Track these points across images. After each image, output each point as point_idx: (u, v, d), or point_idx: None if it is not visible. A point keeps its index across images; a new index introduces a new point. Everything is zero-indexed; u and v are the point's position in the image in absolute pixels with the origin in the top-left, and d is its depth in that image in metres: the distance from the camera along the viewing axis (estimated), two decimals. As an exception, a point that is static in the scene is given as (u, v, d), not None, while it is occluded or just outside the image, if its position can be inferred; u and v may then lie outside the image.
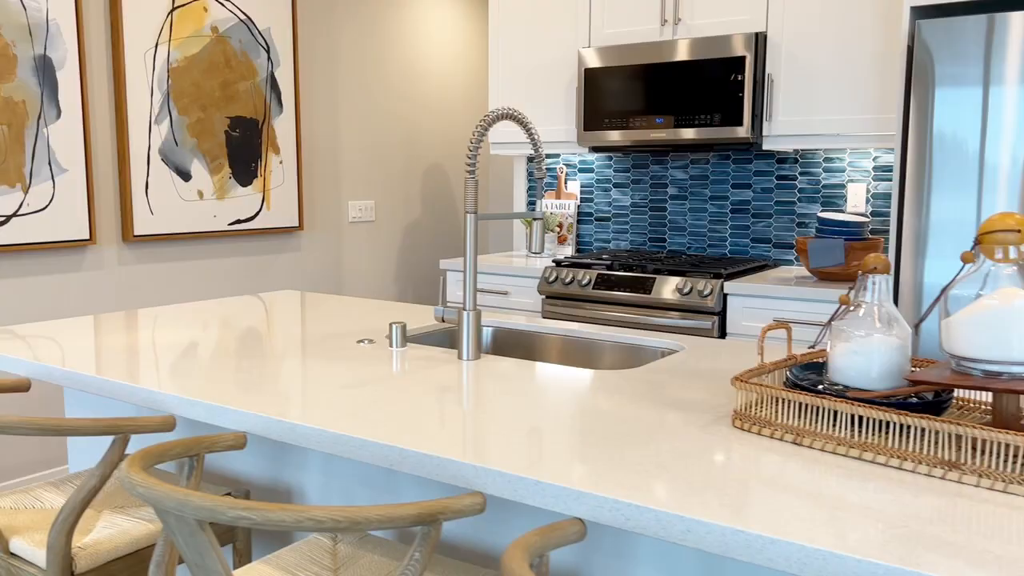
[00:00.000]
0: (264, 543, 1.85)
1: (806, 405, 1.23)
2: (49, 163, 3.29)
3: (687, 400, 1.48)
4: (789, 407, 1.25)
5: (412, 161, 5.16)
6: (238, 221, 4.05)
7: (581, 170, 4.05)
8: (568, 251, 4.04)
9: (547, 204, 4.17)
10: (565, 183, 4.12)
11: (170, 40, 3.69)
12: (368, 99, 4.80)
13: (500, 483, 1.12)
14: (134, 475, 1.04)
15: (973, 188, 2.48)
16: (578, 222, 4.08)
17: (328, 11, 4.51)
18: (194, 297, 3.94)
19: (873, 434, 1.18)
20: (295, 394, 1.50)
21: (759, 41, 3.13)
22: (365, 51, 4.76)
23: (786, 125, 3.17)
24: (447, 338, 2.27)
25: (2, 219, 3.16)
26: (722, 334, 3.06)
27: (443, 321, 1.87)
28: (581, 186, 4.06)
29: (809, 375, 1.40)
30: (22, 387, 1.74)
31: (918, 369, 1.39)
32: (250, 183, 4.09)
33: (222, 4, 3.89)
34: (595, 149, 3.72)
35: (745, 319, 3.01)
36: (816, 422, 1.23)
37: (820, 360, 1.48)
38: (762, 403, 1.30)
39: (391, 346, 1.92)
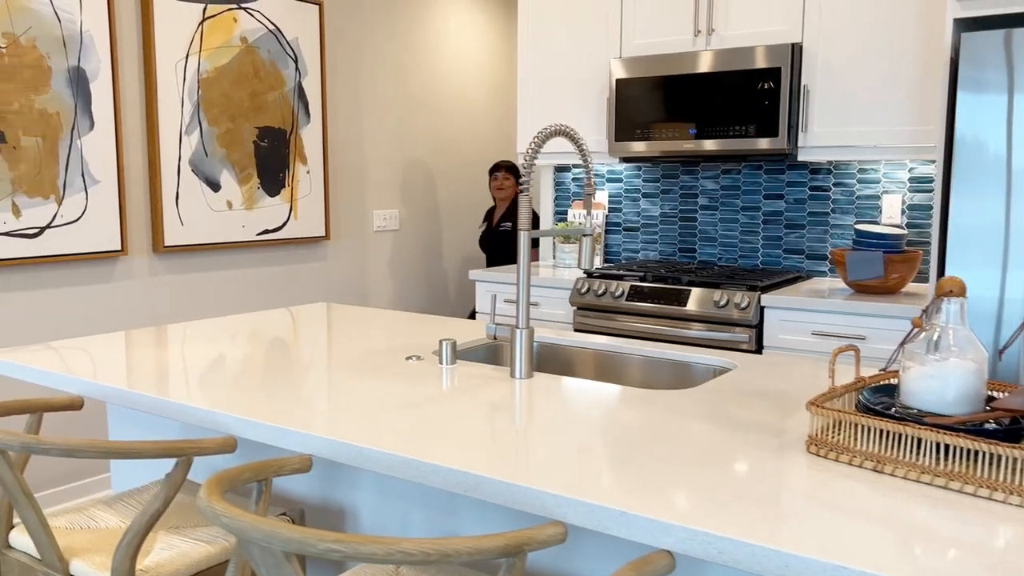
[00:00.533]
0: (316, 566, 1.84)
1: (888, 432, 1.21)
2: (82, 174, 3.30)
3: (753, 422, 1.46)
4: (869, 433, 1.23)
5: (436, 170, 5.15)
6: (266, 231, 4.05)
7: (609, 180, 4.03)
8: (596, 262, 4.03)
9: (574, 214, 4.15)
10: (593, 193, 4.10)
11: (200, 51, 3.70)
12: (392, 108, 4.79)
13: (582, 513, 1.10)
14: (216, 505, 1.02)
15: (1013, 199, 2.46)
16: (606, 232, 4.07)
17: (353, 21, 4.52)
18: (223, 307, 3.94)
19: (959, 462, 1.16)
20: (356, 415, 1.49)
21: (795, 52, 3.11)
22: (390, 61, 4.76)
23: (822, 136, 3.15)
24: (490, 353, 2.26)
25: (36, 231, 3.17)
26: (759, 347, 3.03)
27: (495, 339, 1.86)
28: (609, 196, 4.04)
29: (881, 398, 1.38)
30: (75, 405, 1.73)
31: (999, 394, 1.37)
32: (278, 193, 4.09)
33: (251, 14, 3.90)
34: (625, 159, 3.70)
35: (783, 332, 2.98)
36: (897, 449, 1.21)
37: (889, 382, 1.46)
38: (838, 428, 1.28)
39: (441, 363, 1.91)
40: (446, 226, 5.23)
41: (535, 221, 4.57)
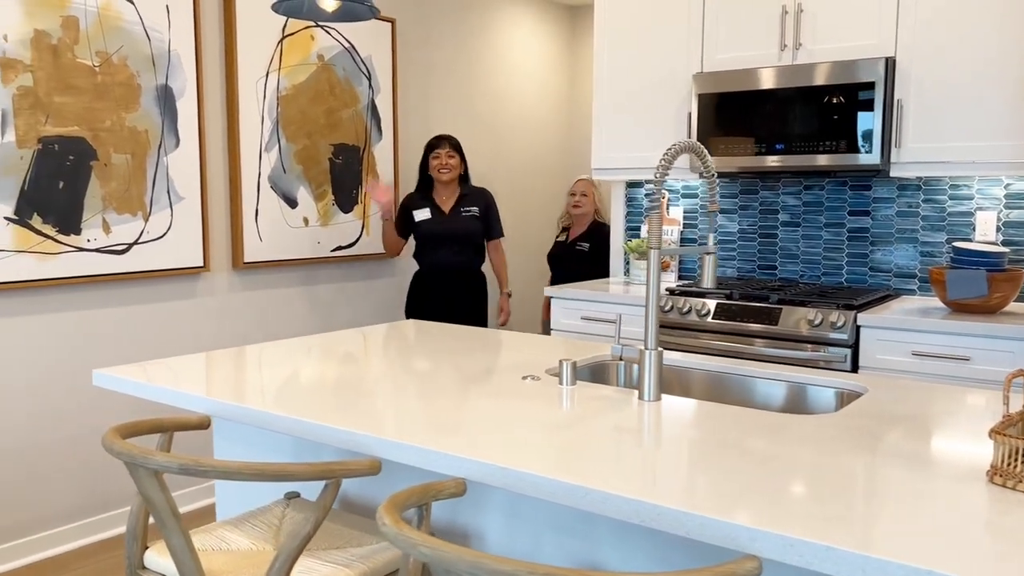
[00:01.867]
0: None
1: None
2: (168, 191, 3.33)
3: (915, 451, 1.40)
4: (1066, 465, 1.17)
5: (499, 186, 5.14)
6: (340, 247, 4.06)
7: (684, 195, 3.98)
8: (671, 278, 3.97)
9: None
10: (667, 208, 4.06)
11: (280, 68, 3.73)
12: (457, 124, 4.79)
13: (781, 547, 1.05)
14: (411, 534, 0.99)
15: None
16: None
17: (422, 39, 4.53)
18: (299, 323, 3.95)
19: None
20: (500, 438, 1.45)
21: (889, 66, 3.05)
22: (456, 78, 4.77)
23: (916, 152, 3.07)
24: (595, 372, 2.22)
25: (124, 247, 3.20)
26: (854, 367, 2.96)
27: (621, 359, 1.82)
28: (684, 212, 3.99)
29: (1061, 427, 1.32)
30: (204, 425, 1.72)
31: None
32: (351, 209, 4.10)
33: (328, 32, 3.92)
34: (704, 175, 3.65)
35: (880, 352, 2.90)
36: (1098, 482, 1.14)
37: (1061, 409, 1.40)
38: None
39: (561, 383, 1.87)
40: (510, 242, 5.21)
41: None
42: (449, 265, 3.90)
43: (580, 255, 4.40)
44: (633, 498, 1.18)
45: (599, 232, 4.41)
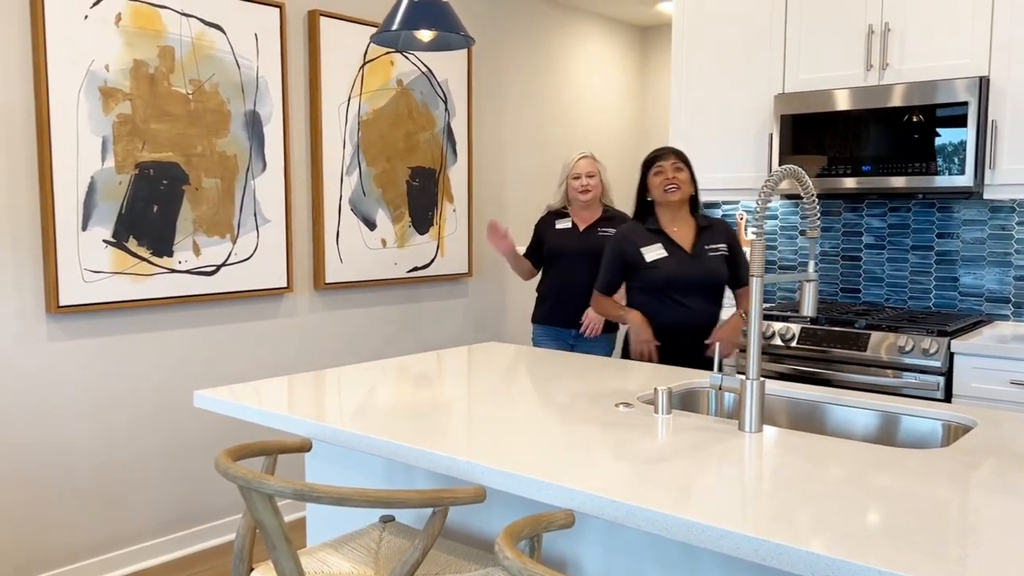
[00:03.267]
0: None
1: None
2: (255, 214, 3.41)
3: (1043, 490, 1.34)
4: None
5: (572, 207, 5.13)
6: (415, 268, 4.10)
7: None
8: (749, 301, 3.91)
9: (725, 252, 4.05)
10: (745, 230, 4.00)
11: (361, 94, 3.80)
12: (529, 145, 4.82)
13: (917, 591, 1.02)
14: (539, 570, 0.99)
15: None
16: (759, 271, 3.95)
17: (496, 61, 4.57)
18: (377, 341, 3.99)
19: None
20: (603, 468, 1.44)
21: (982, 85, 2.97)
22: (528, 100, 4.80)
23: (1012, 174, 2.98)
24: (683, 400, 2.19)
25: (213, 268, 3.29)
26: (947, 396, 2.86)
27: (720, 389, 1.80)
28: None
29: None
30: (305, 448, 1.75)
31: None
32: (427, 231, 4.15)
33: (406, 58, 3.99)
34: (787, 196, 3.59)
35: (975, 380, 2.81)
36: None
37: None
38: None
39: (656, 412, 1.85)
40: (581, 263, 5.19)
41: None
42: (694, 323, 2.79)
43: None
44: (754, 536, 1.16)
45: (622, 222, 3.34)
